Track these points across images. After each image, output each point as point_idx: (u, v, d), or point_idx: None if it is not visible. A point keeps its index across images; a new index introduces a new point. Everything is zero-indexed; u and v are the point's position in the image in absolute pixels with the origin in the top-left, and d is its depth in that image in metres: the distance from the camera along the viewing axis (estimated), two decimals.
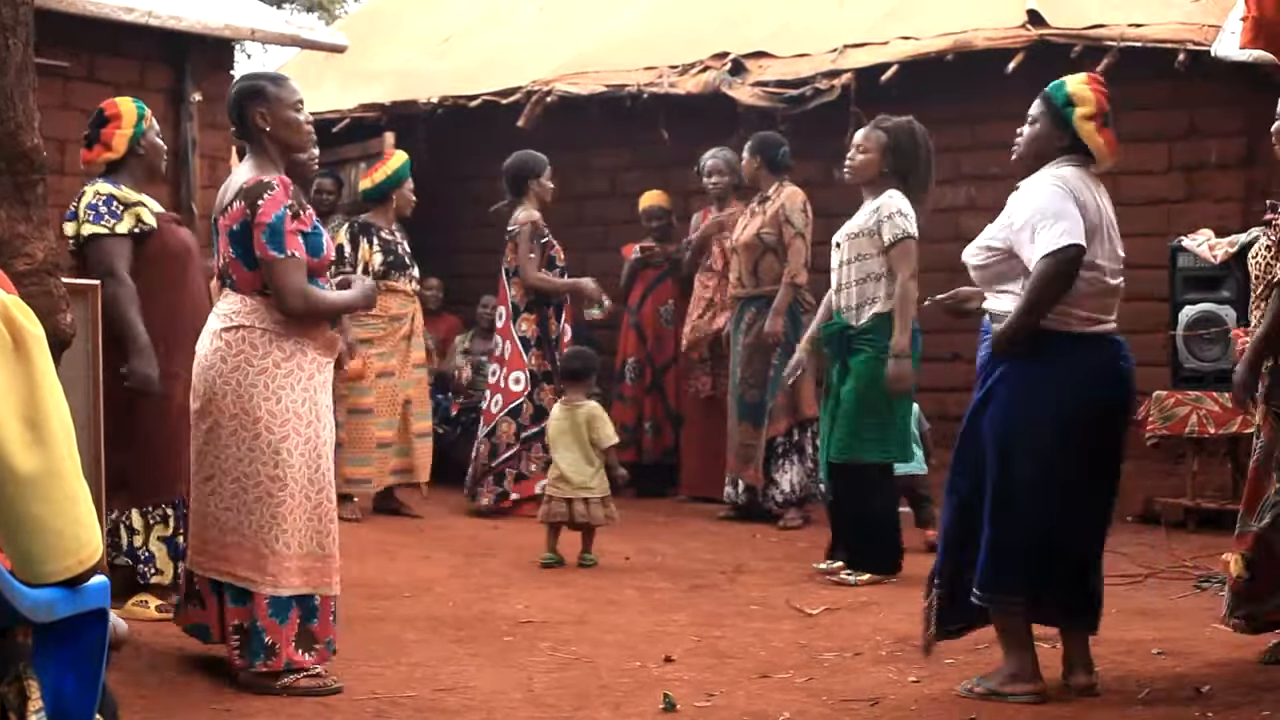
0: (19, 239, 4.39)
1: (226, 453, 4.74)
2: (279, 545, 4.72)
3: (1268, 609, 4.92)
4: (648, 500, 8.89)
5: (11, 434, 2.16)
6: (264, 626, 4.73)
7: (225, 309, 4.81)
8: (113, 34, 8.08)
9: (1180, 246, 7.74)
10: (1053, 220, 4.49)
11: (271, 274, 4.71)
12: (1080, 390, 4.55)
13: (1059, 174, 4.62)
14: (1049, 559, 4.60)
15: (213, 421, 4.76)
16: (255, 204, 4.72)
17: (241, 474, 4.73)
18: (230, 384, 4.72)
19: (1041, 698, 4.59)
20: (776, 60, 9.57)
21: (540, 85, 10.12)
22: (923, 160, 6.75)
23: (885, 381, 6.54)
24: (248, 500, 4.72)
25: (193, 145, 8.51)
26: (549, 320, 8.58)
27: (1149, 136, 8.54)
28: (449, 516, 8.53)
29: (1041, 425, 4.54)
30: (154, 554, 5.63)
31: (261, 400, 4.71)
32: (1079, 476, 4.58)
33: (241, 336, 4.73)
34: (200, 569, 4.86)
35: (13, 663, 2.28)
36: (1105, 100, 4.68)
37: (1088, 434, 4.57)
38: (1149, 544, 7.43)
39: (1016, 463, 4.57)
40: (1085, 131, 4.67)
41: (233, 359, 4.72)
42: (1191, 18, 8.41)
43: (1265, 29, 4.94)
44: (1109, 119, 4.68)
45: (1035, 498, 4.55)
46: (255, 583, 4.73)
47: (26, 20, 4.40)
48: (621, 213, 9.91)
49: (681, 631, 5.75)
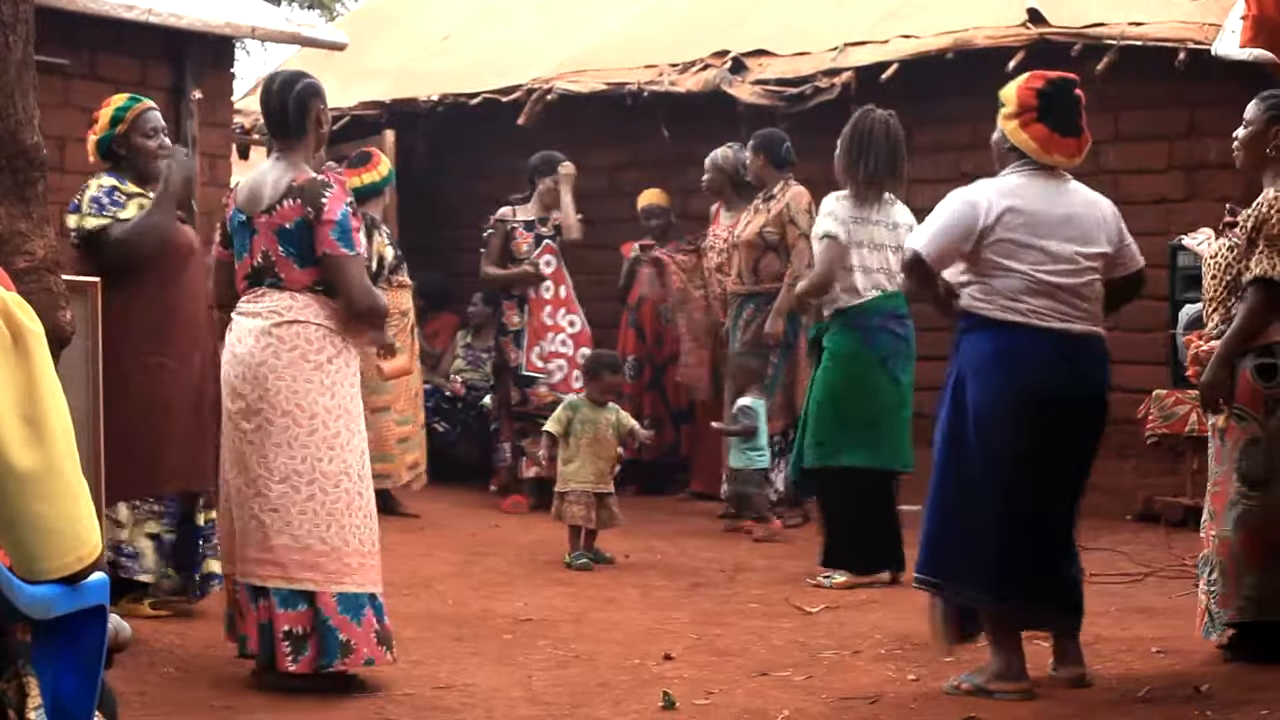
0: (19, 236, 4.39)
1: (277, 449, 4.67)
2: (337, 541, 4.67)
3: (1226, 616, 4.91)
4: (648, 498, 8.90)
5: (11, 431, 2.16)
6: (337, 625, 4.65)
7: (271, 305, 4.74)
8: (113, 31, 8.06)
9: (1180, 245, 7.73)
10: (930, 223, 4.79)
11: (340, 271, 4.70)
12: (1022, 379, 4.61)
13: (996, 184, 4.75)
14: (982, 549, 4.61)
15: (262, 419, 4.68)
16: (318, 202, 4.68)
17: (293, 471, 4.66)
18: (285, 380, 4.68)
19: (1027, 696, 4.59)
20: (777, 59, 9.56)
21: (540, 83, 10.12)
22: (875, 144, 6.63)
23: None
24: (298, 498, 4.65)
25: (193, 143, 8.48)
26: (507, 311, 8.93)
27: (1149, 135, 8.53)
28: (449, 514, 8.53)
29: (982, 410, 4.62)
30: (140, 551, 5.51)
31: (318, 395, 4.69)
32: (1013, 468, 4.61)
33: (296, 332, 4.70)
34: (241, 576, 4.75)
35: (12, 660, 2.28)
36: (1033, 96, 4.68)
37: (1028, 425, 4.58)
38: (1149, 543, 7.43)
39: (958, 450, 4.67)
40: (1008, 130, 4.73)
41: (287, 354, 4.68)
42: (1192, 17, 8.40)
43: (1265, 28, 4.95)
44: (1044, 114, 4.67)
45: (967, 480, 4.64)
46: (317, 583, 4.65)
47: (27, 18, 4.40)
48: (621, 211, 9.91)
49: (681, 629, 5.75)
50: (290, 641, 4.66)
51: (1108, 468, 7.85)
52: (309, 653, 4.66)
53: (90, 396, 5.03)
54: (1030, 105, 4.68)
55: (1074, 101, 4.74)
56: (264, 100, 4.91)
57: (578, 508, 7.17)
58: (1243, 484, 4.83)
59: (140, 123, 5.64)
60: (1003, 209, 4.65)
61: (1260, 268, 4.74)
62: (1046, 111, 4.67)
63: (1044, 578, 4.68)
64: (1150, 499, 8.12)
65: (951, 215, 4.73)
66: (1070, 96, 4.74)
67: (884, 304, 6.61)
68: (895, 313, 6.65)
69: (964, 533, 4.64)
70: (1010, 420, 4.59)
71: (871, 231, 6.63)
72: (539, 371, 8.79)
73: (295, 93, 4.82)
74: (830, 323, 6.64)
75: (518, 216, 8.97)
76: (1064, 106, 4.70)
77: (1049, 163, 4.72)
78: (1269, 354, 4.80)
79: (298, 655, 4.66)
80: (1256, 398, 4.82)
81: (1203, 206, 8.41)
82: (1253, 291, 4.80)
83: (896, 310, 6.66)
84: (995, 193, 4.72)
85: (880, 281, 6.62)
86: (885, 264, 6.62)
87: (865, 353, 6.57)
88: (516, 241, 8.89)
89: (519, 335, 8.85)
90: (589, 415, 7.30)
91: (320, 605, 4.66)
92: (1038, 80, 4.74)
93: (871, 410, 6.57)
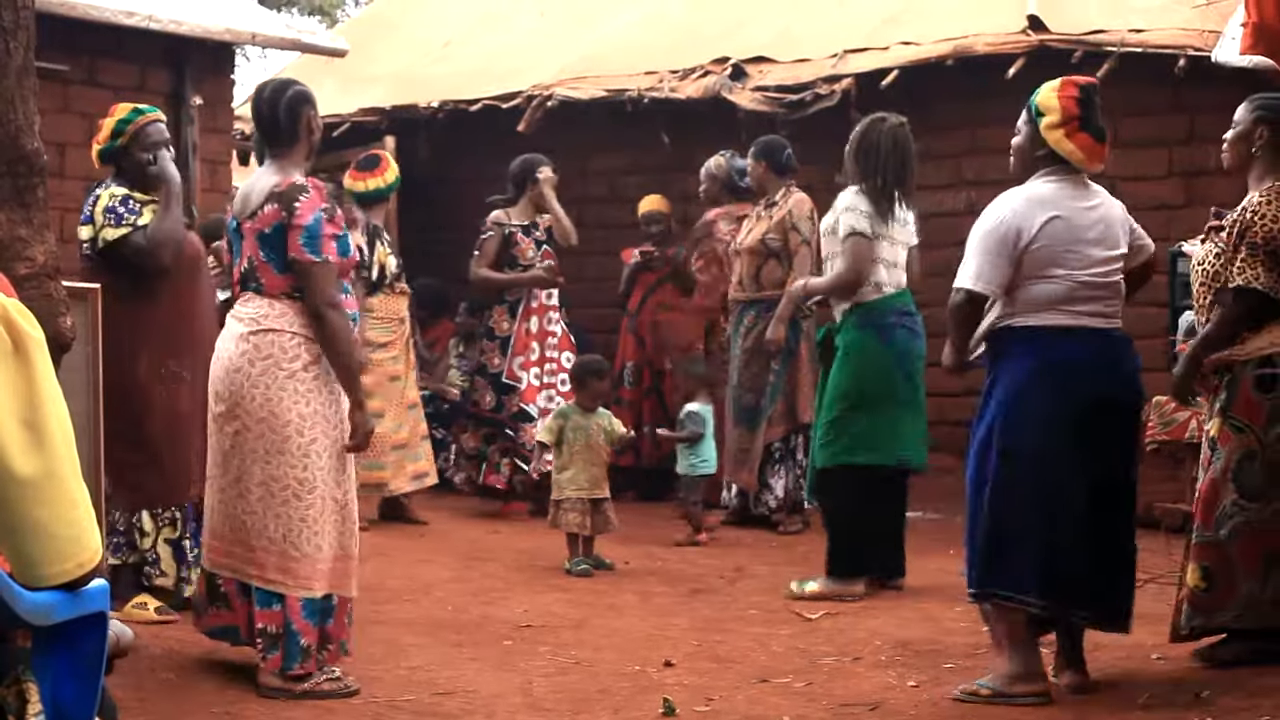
0: (19, 242, 4.39)
1: (254, 456, 4.72)
2: (309, 548, 4.72)
3: (1217, 621, 4.91)
4: (647, 505, 8.89)
5: (11, 437, 2.16)
6: (299, 629, 4.72)
7: (251, 312, 4.77)
8: (113, 38, 8.08)
9: (1180, 252, 7.72)
10: (972, 256, 4.71)
11: (306, 278, 4.71)
12: (1068, 385, 4.61)
13: (1027, 194, 4.72)
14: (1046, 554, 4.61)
15: (239, 425, 4.73)
16: (291, 206, 4.71)
17: (269, 477, 4.71)
18: (259, 387, 4.70)
19: (1047, 698, 4.60)
20: (777, 65, 9.57)
21: (540, 90, 10.13)
22: (884, 157, 6.59)
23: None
24: (274, 504, 4.71)
25: (193, 149, 8.50)
26: (497, 316, 8.73)
27: (1149, 142, 8.55)
28: (449, 520, 8.53)
29: (1030, 416, 4.61)
30: (160, 556, 5.63)
31: (291, 404, 4.70)
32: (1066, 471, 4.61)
33: (270, 340, 4.72)
34: (228, 570, 4.84)
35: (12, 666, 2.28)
36: (1075, 105, 4.69)
37: (1078, 427, 4.60)
38: (1149, 549, 7.36)
39: (1006, 461, 4.64)
40: (1053, 140, 4.72)
41: (261, 362, 4.71)
42: (1192, 23, 8.41)
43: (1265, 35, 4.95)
44: (1087, 122, 4.68)
45: (1026, 491, 4.60)
46: (287, 586, 4.72)
47: (27, 24, 4.40)
48: (621, 217, 9.91)
49: (681, 636, 5.75)
50: (263, 639, 4.76)
51: None
52: (278, 653, 4.74)
53: (90, 402, 5.04)
54: (1074, 114, 4.68)
55: (1099, 108, 4.76)
56: (255, 108, 4.95)
57: (574, 515, 7.17)
58: (1241, 496, 4.83)
59: (141, 137, 5.64)
60: (1047, 218, 4.64)
61: (1243, 277, 4.76)
62: (1088, 120, 4.69)
63: (1102, 580, 4.70)
64: (1150, 505, 8.09)
65: (992, 239, 4.68)
66: (1097, 103, 4.76)
67: (897, 301, 6.60)
68: (908, 310, 6.64)
69: (1019, 541, 4.61)
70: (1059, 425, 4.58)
71: (890, 227, 6.60)
72: (518, 380, 8.68)
73: (286, 99, 4.86)
74: (844, 321, 6.60)
75: (512, 220, 8.74)
76: (1096, 113, 4.74)
77: (1088, 170, 4.74)
78: (1269, 364, 4.79)
79: (268, 653, 4.75)
80: (1255, 409, 4.81)
81: (1203, 213, 8.37)
82: (1232, 300, 4.81)
83: (908, 308, 6.65)
84: (1032, 202, 4.69)
85: (899, 278, 6.62)
86: (899, 260, 6.64)
87: (881, 349, 6.52)
88: (520, 247, 8.66)
89: (506, 342, 8.68)
90: (580, 422, 7.30)
91: (287, 609, 4.73)
92: (1073, 88, 4.73)
93: (887, 407, 6.52)
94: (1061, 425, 4.60)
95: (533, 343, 8.66)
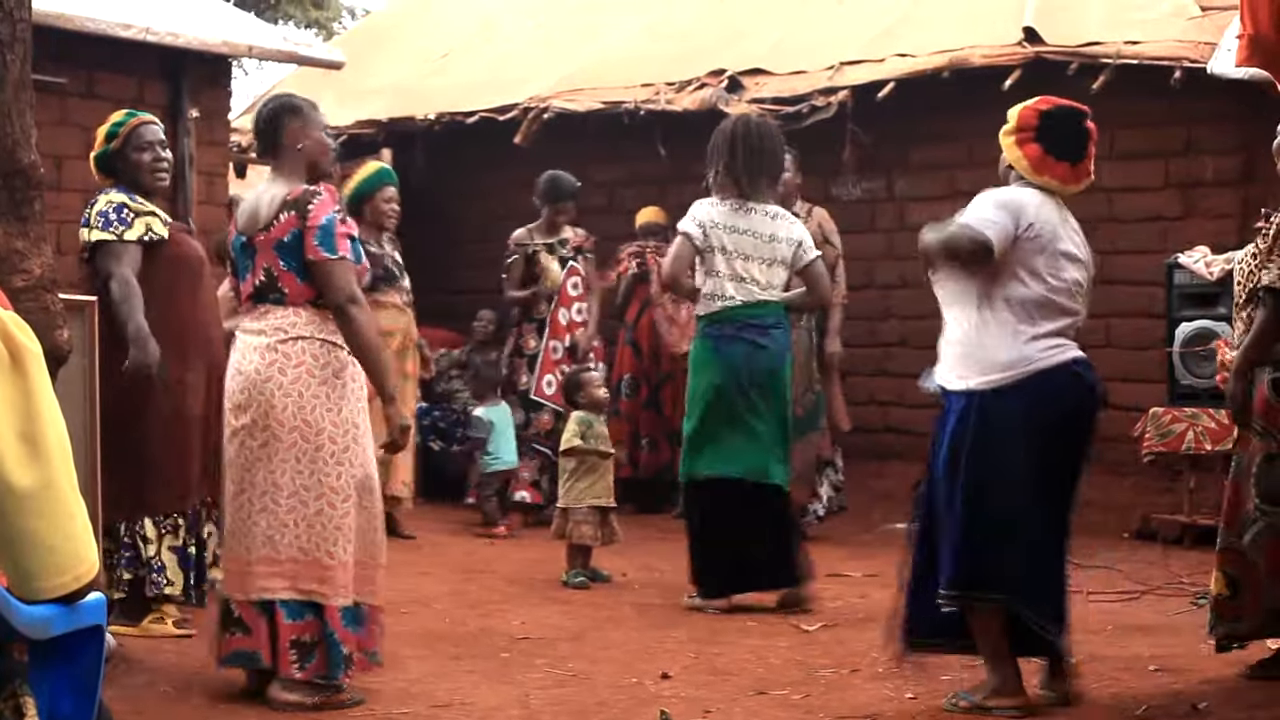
0: (16, 255, 4.40)
1: (285, 466, 4.69)
2: (344, 555, 4.71)
3: (1243, 628, 4.91)
4: (645, 516, 8.88)
5: (8, 450, 2.16)
6: (341, 638, 4.71)
7: (275, 323, 4.75)
8: (110, 50, 8.08)
9: (1176, 263, 7.75)
10: (976, 209, 4.64)
11: (323, 276, 4.70)
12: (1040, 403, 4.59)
13: (1005, 188, 4.71)
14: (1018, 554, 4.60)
15: (269, 435, 4.69)
16: (305, 210, 4.72)
17: (301, 487, 4.69)
18: (291, 395, 4.68)
19: (1025, 712, 4.59)
20: (773, 77, 9.59)
21: (537, 102, 10.14)
22: (740, 154, 6.55)
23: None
24: (307, 513, 4.68)
25: (190, 161, 8.50)
26: (525, 335, 8.87)
27: (1145, 153, 8.56)
28: (446, 533, 8.52)
29: (1003, 430, 4.57)
30: (165, 564, 5.59)
31: (324, 411, 4.70)
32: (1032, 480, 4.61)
33: (301, 348, 4.71)
34: (248, 593, 4.75)
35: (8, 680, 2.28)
36: (1035, 117, 4.68)
37: (1046, 439, 4.58)
38: (1146, 560, 7.43)
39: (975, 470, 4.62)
40: (1005, 146, 4.74)
41: (293, 370, 4.69)
42: (1187, 35, 8.43)
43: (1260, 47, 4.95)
44: (1041, 135, 4.66)
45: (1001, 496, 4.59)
46: (325, 595, 4.69)
47: (24, 36, 4.41)
48: (619, 229, 9.92)
49: (679, 648, 5.74)
50: (297, 649, 4.69)
51: (1105, 485, 7.87)
52: (315, 661, 4.71)
53: (88, 415, 5.03)
54: (1030, 125, 4.69)
55: (1078, 131, 4.70)
56: (253, 123, 4.99)
57: (587, 526, 7.09)
58: (1264, 501, 4.81)
59: (134, 137, 5.63)
60: (1037, 205, 4.63)
61: (1270, 275, 4.69)
62: (1044, 133, 4.67)
63: (1058, 584, 4.71)
64: (1147, 516, 8.12)
65: (1002, 199, 4.64)
66: (1074, 125, 4.71)
67: (743, 313, 6.40)
68: (756, 323, 6.42)
69: (989, 544, 4.60)
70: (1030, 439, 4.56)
71: (739, 240, 6.45)
72: (547, 399, 8.75)
73: (269, 111, 4.94)
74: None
75: (535, 240, 8.89)
76: (1065, 132, 4.68)
77: (1039, 184, 4.68)
78: None
79: (304, 663, 4.70)
80: (1275, 412, 4.80)
81: (1199, 224, 8.44)
82: (1265, 301, 4.75)
83: (759, 320, 6.43)
84: (1026, 194, 4.68)
85: (750, 291, 6.42)
86: (754, 274, 6.44)
87: (713, 361, 6.42)
88: (542, 264, 8.80)
89: (534, 360, 8.80)
90: (599, 430, 7.30)
91: (327, 618, 4.70)
92: (1045, 104, 4.73)
93: (719, 421, 6.39)
94: (1024, 436, 4.55)
95: (559, 367, 8.70)
